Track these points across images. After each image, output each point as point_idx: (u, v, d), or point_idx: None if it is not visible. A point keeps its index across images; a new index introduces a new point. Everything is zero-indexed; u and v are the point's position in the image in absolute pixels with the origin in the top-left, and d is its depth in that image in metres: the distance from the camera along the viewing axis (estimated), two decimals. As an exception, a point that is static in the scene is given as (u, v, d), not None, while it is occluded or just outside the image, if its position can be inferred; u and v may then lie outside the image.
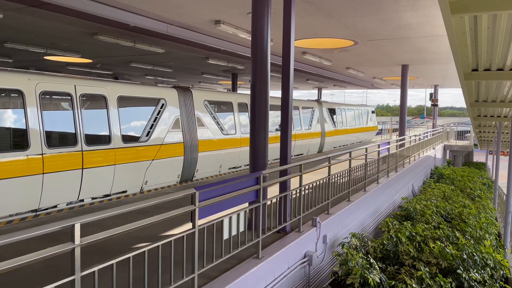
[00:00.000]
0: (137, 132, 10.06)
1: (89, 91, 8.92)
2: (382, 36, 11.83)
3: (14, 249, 3.11)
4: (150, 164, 10.26)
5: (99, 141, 8.99)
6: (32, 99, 7.73)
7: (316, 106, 20.60)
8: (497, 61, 7.74)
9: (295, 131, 17.42)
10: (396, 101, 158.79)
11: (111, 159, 9.17)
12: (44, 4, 8.30)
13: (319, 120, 20.48)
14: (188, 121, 11.60)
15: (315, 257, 6.62)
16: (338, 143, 23.05)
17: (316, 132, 19.94)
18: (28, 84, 7.72)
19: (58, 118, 8.37)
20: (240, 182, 5.06)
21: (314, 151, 20.23)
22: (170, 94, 11.16)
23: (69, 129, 8.43)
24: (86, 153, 8.58)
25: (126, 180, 9.74)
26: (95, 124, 9.00)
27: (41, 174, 7.75)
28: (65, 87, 8.43)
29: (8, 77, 7.51)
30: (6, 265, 2.53)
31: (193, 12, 9.59)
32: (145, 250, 3.58)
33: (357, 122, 25.85)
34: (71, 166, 8.31)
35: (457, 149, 28.22)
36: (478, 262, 6.83)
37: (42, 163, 7.76)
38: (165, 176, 10.91)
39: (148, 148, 10.22)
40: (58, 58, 16.88)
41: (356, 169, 9.40)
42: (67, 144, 8.33)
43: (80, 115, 8.62)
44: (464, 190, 15.57)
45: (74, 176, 8.40)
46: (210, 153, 12.37)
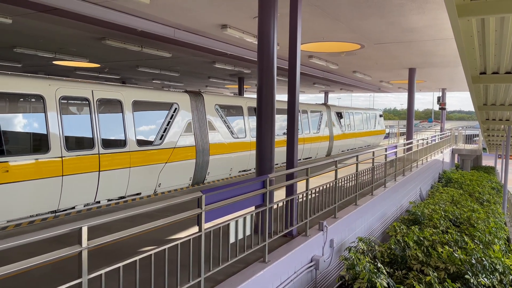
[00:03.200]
0: (151, 135, 10.26)
1: (105, 96, 9.16)
2: (389, 39, 11.80)
3: (23, 251, 3.13)
4: (163, 167, 10.45)
5: (115, 145, 9.22)
6: (52, 104, 7.99)
7: (325, 109, 20.72)
8: (505, 64, 7.68)
9: (303, 134, 17.60)
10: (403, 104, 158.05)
11: (126, 162, 9.38)
12: (52, 9, 8.41)
13: (327, 124, 20.61)
14: (199, 125, 11.83)
15: (322, 261, 6.59)
16: (346, 146, 23.10)
17: (325, 136, 20.07)
18: (49, 89, 8.00)
19: (76, 122, 8.67)
20: (246, 186, 5.06)
21: (323, 154, 20.38)
22: (182, 98, 11.38)
23: (86, 133, 8.69)
24: (102, 156, 8.82)
25: (140, 183, 9.93)
26: (111, 128, 9.25)
27: (60, 177, 7.98)
28: (83, 92, 8.69)
29: (30, 82, 7.81)
30: (15, 268, 2.55)
31: (200, 17, 9.65)
32: (151, 253, 3.58)
33: (365, 125, 25.89)
34: (88, 168, 8.54)
35: (465, 153, 27.98)
36: (487, 267, 6.75)
37: (62, 166, 8.00)
38: (178, 178, 11.09)
39: (162, 151, 10.42)
40: (67, 63, 17.05)
41: (363, 173, 9.36)
42: (84, 148, 8.57)
43: (97, 119, 8.87)
44: (472, 194, 15.42)
45: (92, 178, 8.62)
46: (221, 156, 12.52)
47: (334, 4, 8.44)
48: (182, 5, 8.72)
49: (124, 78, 23.77)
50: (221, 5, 8.73)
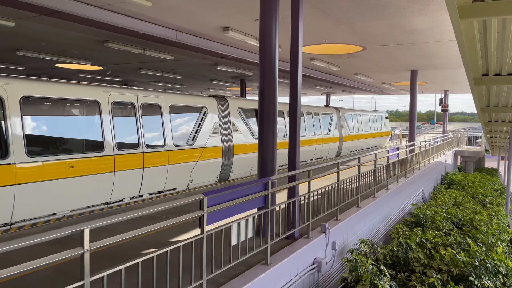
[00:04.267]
0: (185, 136, 11.36)
1: (147, 100, 10.25)
2: (390, 41, 11.80)
3: (26, 254, 3.14)
4: (195, 165, 11.54)
5: (156, 144, 10.26)
6: (106, 108, 9.11)
7: (334, 112, 21.56)
8: (507, 66, 7.67)
9: (316, 136, 18.72)
10: (405, 106, 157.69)
11: (165, 160, 10.42)
12: (55, 12, 8.45)
13: (337, 126, 21.44)
14: (225, 127, 12.84)
15: (324, 263, 6.57)
16: (355, 147, 23.86)
17: (335, 137, 20.95)
18: (103, 96, 9.07)
19: (125, 124, 9.65)
20: (248, 188, 5.06)
21: (333, 155, 21.19)
22: (210, 102, 12.46)
23: (133, 134, 9.77)
24: (146, 154, 9.88)
25: (176, 179, 10.93)
26: (153, 129, 10.29)
27: (112, 172, 9.06)
28: (130, 97, 9.78)
29: (88, 90, 8.92)
30: (18, 270, 2.56)
31: (201, 19, 9.68)
32: (153, 256, 3.59)
33: (372, 127, 26.73)
34: (135, 165, 9.61)
35: (468, 154, 27.92)
36: (490, 269, 6.72)
37: (114, 163, 9.06)
38: (207, 176, 12.12)
39: (194, 151, 11.54)
40: (69, 66, 17.11)
41: (366, 175, 9.35)
42: (131, 147, 9.63)
43: (141, 121, 9.96)
44: (475, 196, 15.37)
45: (137, 174, 9.68)
46: (243, 156, 13.43)
47: (336, 6, 8.44)
48: (184, 7, 8.75)
49: (126, 80, 23.83)
50: (223, 8, 8.75)
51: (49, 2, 7.74)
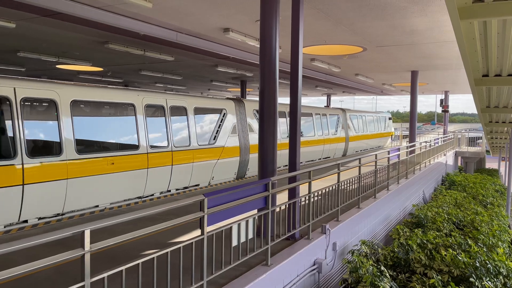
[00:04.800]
0: (207, 136, 12.19)
1: (175, 103, 11.05)
2: (391, 42, 11.80)
3: (26, 255, 3.15)
4: (216, 163, 12.39)
5: (182, 144, 11.09)
6: (140, 110, 9.91)
7: (341, 113, 22.29)
8: (508, 66, 7.66)
9: (324, 136, 19.57)
10: (406, 107, 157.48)
11: (190, 158, 11.25)
12: (55, 14, 8.46)
13: (344, 126, 22.19)
14: (242, 128, 13.68)
15: (325, 264, 6.57)
16: (360, 147, 24.61)
17: (341, 137, 21.71)
18: (137, 99, 9.91)
19: (156, 125, 10.48)
20: (248, 189, 5.06)
21: (340, 154, 21.90)
22: (229, 104, 13.23)
23: (163, 134, 10.54)
24: (174, 153, 10.71)
25: (200, 176, 11.78)
26: (179, 129, 11.11)
27: (146, 169, 9.85)
28: (160, 100, 10.61)
29: (125, 94, 9.83)
30: (19, 271, 2.56)
31: (202, 20, 9.69)
32: (154, 257, 3.59)
33: (376, 128, 27.46)
34: (165, 163, 10.41)
35: (468, 155, 27.90)
36: (491, 270, 6.71)
37: (147, 161, 9.87)
38: (226, 173, 12.97)
39: (215, 150, 12.36)
40: (70, 67, 17.13)
41: (366, 176, 9.34)
42: (162, 146, 10.41)
43: (170, 122, 10.75)
44: (476, 197, 15.35)
45: (167, 171, 10.47)
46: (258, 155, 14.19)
47: (336, 7, 8.45)
48: (185, 8, 8.76)
49: (127, 81, 23.84)
50: (224, 9, 8.76)
51: (49, 3, 7.75)
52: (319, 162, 19.18)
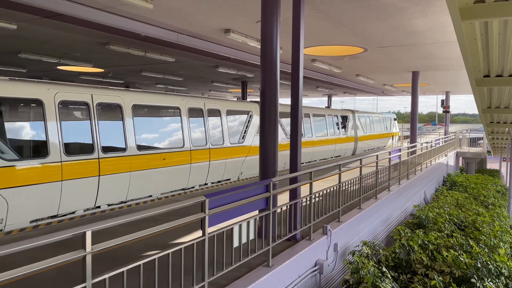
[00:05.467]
0: (237, 136, 13.52)
1: (211, 106, 12.33)
2: (392, 42, 11.80)
3: (28, 256, 3.15)
4: (244, 160, 13.76)
5: (217, 142, 12.35)
6: (184, 113, 11.16)
7: (350, 114, 23.26)
8: (509, 67, 7.66)
9: (335, 136, 20.78)
10: (407, 108, 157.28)
11: (224, 154, 12.55)
12: (57, 15, 8.48)
13: (353, 127, 23.29)
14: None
15: (326, 265, 6.56)
16: (368, 146, 25.68)
17: (351, 137, 22.87)
18: (182, 103, 11.16)
19: (196, 125, 11.65)
20: (250, 190, 5.06)
21: (349, 153, 22.95)
22: (254, 106, 14.46)
23: (202, 133, 11.78)
24: (211, 150, 11.99)
25: (231, 171, 13.11)
26: (215, 129, 12.42)
27: (189, 164, 11.14)
28: (200, 104, 11.88)
29: (173, 98, 11.08)
30: (20, 272, 2.56)
31: (203, 21, 9.69)
32: (155, 258, 3.59)
33: (382, 128, 28.56)
34: (204, 159, 11.64)
35: (470, 156, 27.85)
36: (492, 271, 6.70)
37: (190, 157, 11.15)
38: (253, 169, 14.24)
39: (244, 148, 13.73)
40: (71, 68, 17.15)
41: (367, 177, 9.33)
42: (201, 144, 11.62)
43: (207, 123, 12.04)
44: (477, 197, 15.33)
45: (205, 166, 11.76)
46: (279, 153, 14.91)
47: (337, 8, 8.45)
48: (185, 10, 8.77)
49: (128, 82, 23.86)
50: (224, 10, 8.76)
51: (50, 4, 7.76)
52: (319, 163, 19.25)
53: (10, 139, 7.27)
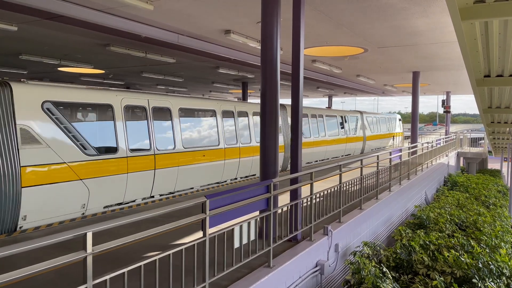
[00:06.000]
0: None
1: (240, 109, 13.64)
2: (392, 43, 11.79)
3: (29, 257, 3.15)
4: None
5: (246, 141, 13.72)
6: (220, 115, 12.51)
7: (359, 115, 24.60)
8: (509, 66, 7.65)
9: (346, 135, 22.17)
10: (408, 108, 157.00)
11: (251, 152, 13.87)
12: (57, 16, 8.49)
13: (362, 127, 24.65)
14: (285, 128, 16.43)
15: (327, 266, 6.56)
16: (375, 146, 27.02)
17: (360, 137, 24.31)
18: (217, 106, 12.54)
19: (228, 126, 13.01)
20: (250, 191, 5.06)
21: (358, 152, 24.38)
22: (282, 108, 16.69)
23: (233, 133, 13.11)
24: (241, 148, 13.30)
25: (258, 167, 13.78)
26: (244, 130, 13.76)
27: (223, 161, 12.42)
28: (231, 107, 13.21)
29: (209, 102, 12.67)
30: (21, 273, 2.56)
31: (203, 22, 9.70)
32: (156, 259, 3.59)
33: (388, 128, 29.91)
34: (235, 156, 12.97)
35: (471, 156, 27.83)
36: (494, 271, 6.69)
37: (224, 154, 12.45)
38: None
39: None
40: (72, 69, 17.17)
41: (368, 177, 9.33)
42: (233, 143, 12.94)
43: (238, 124, 13.45)
44: (478, 197, 15.31)
45: (236, 163, 13.05)
46: None
47: (337, 9, 8.45)
48: (186, 11, 8.78)
49: (128, 84, 23.88)
50: (225, 11, 8.77)
51: (51, 6, 7.77)
52: (320, 163, 19.35)
53: (90, 138, 8.68)
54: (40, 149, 7.61)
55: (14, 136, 7.24)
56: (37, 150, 7.58)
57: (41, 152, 7.63)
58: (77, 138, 8.33)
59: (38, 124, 7.67)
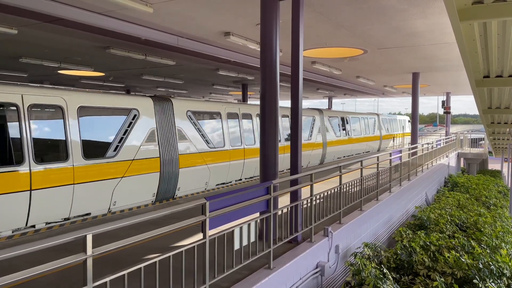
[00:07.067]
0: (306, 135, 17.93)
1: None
2: (391, 44, 11.81)
3: (29, 260, 3.16)
4: (311, 153, 18.36)
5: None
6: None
7: (376, 117, 27.53)
8: (509, 67, 7.66)
9: (366, 135, 25.02)
10: (408, 109, 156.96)
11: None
12: (57, 19, 8.51)
13: (378, 127, 27.48)
14: (322, 129, 19.55)
15: (328, 267, 6.56)
16: (389, 145, 30.07)
17: (377, 136, 27.17)
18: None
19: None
20: (250, 192, 5.06)
21: (375, 150, 26.94)
22: (317, 112, 19.40)
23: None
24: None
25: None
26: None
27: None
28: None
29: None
30: (21, 276, 2.57)
31: (203, 25, 9.72)
32: (156, 261, 3.59)
33: (400, 128, 32.75)
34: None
35: (471, 156, 27.80)
36: (494, 272, 6.69)
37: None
38: (315, 160, 19.04)
39: (311, 144, 18.29)
40: (72, 72, 17.19)
41: (368, 178, 9.33)
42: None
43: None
44: (479, 198, 15.30)
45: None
46: (332, 148, 20.68)
47: (336, 10, 8.47)
48: (185, 13, 8.80)
49: (128, 86, 23.91)
50: (224, 13, 8.79)
51: (51, 9, 7.79)
52: (319, 165, 19.53)
53: (210, 136, 12.09)
54: (186, 143, 11.23)
55: (175, 134, 10.87)
56: (185, 143, 11.19)
57: (187, 145, 11.25)
58: (204, 136, 11.83)
59: (185, 126, 11.30)
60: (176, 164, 10.73)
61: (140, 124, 9.86)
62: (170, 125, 10.74)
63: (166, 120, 10.64)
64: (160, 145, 10.31)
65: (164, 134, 10.47)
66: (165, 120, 10.63)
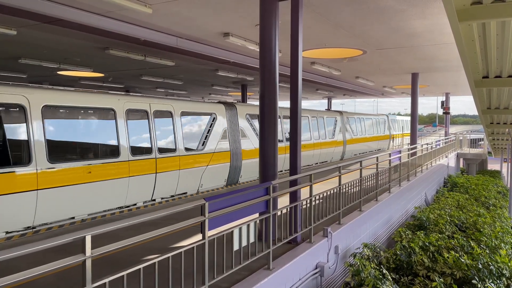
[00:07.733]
0: (331, 134, 20.66)
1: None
2: (391, 44, 11.82)
3: (28, 261, 3.15)
4: (334, 150, 20.91)
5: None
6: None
7: (386, 117, 30.08)
8: (507, 67, 7.68)
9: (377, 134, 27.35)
10: (407, 109, 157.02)
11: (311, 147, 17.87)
12: (56, 20, 8.51)
13: (388, 127, 30.10)
14: (343, 129, 22.01)
15: (327, 268, 6.55)
16: (398, 142, 32.71)
17: (387, 135, 29.79)
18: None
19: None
20: (249, 193, 5.06)
21: (385, 148, 29.25)
22: (338, 114, 22.08)
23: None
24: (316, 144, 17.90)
25: (326, 157, 20.06)
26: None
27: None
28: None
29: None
30: (20, 277, 2.57)
31: (202, 25, 9.72)
32: (155, 262, 3.59)
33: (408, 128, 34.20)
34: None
35: (470, 157, 27.82)
36: (494, 272, 6.69)
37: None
38: (337, 155, 21.46)
39: (334, 142, 20.83)
40: (71, 73, 17.19)
41: (367, 179, 9.33)
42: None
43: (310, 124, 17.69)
44: (478, 198, 15.30)
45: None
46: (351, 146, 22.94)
47: (336, 11, 8.48)
48: (184, 14, 8.80)
49: (128, 87, 23.90)
50: (223, 14, 8.80)
51: (50, 10, 7.79)
52: (319, 166, 19.54)
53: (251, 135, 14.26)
54: (246, 140, 13.77)
55: (239, 133, 13.48)
56: (245, 140, 13.71)
57: (247, 142, 13.83)
58: (257, 134, 13.39)
59: (245, 126, 13.94)
60: (240, 157, 13.49)
61: (218, 124, 12.68)
62: (235, 125, 13.52)
63: (233, 122, 13.40)
64: (230, 141, 13.03)
65: (231, 133, 13.18)
66: (232, 122, 13.36)
